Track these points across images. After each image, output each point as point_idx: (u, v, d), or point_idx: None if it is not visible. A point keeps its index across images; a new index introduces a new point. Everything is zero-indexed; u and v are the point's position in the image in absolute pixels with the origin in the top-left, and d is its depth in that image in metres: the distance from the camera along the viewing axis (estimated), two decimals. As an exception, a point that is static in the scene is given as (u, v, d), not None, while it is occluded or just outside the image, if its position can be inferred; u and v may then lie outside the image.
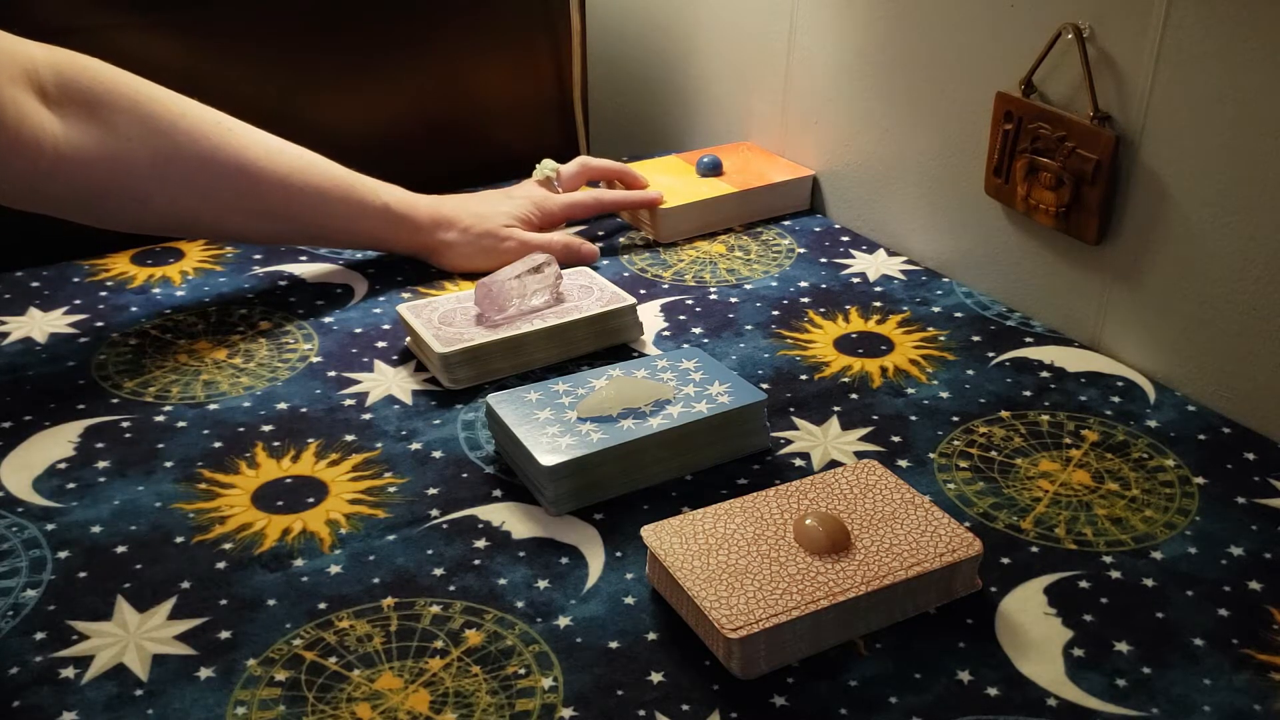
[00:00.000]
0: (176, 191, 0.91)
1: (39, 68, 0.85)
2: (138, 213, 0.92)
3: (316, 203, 0.96)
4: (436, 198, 1.03)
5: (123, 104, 0.87)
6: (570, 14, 1.27)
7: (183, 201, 0.92)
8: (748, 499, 0.70)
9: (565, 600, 0.67)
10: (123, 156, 0.87)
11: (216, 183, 0.91)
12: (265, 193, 0.93)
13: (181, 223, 0.95)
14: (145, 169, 0.88)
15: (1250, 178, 0.80)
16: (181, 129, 0.90)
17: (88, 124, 0.86)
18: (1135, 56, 0.84)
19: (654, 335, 0.94)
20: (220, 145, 0.91)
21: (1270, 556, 0.71)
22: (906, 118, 1.05)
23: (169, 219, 0.94)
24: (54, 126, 0.85)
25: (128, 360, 0.89)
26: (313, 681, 0.61)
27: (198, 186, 0.91)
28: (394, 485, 0.76)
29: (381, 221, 0.99)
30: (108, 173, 0.87)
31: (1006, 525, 0.73)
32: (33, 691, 0.61)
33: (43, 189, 0.86)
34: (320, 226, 0.98)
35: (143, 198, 0.90)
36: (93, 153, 0.86)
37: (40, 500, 0.74)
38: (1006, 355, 0.91)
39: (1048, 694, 0.61)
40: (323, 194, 0.96)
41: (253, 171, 0.92)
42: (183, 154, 0.89)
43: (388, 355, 0.91)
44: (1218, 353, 0.84)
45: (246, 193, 0.93)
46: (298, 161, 0.95)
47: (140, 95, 0.89)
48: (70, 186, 0.87)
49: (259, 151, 0.93)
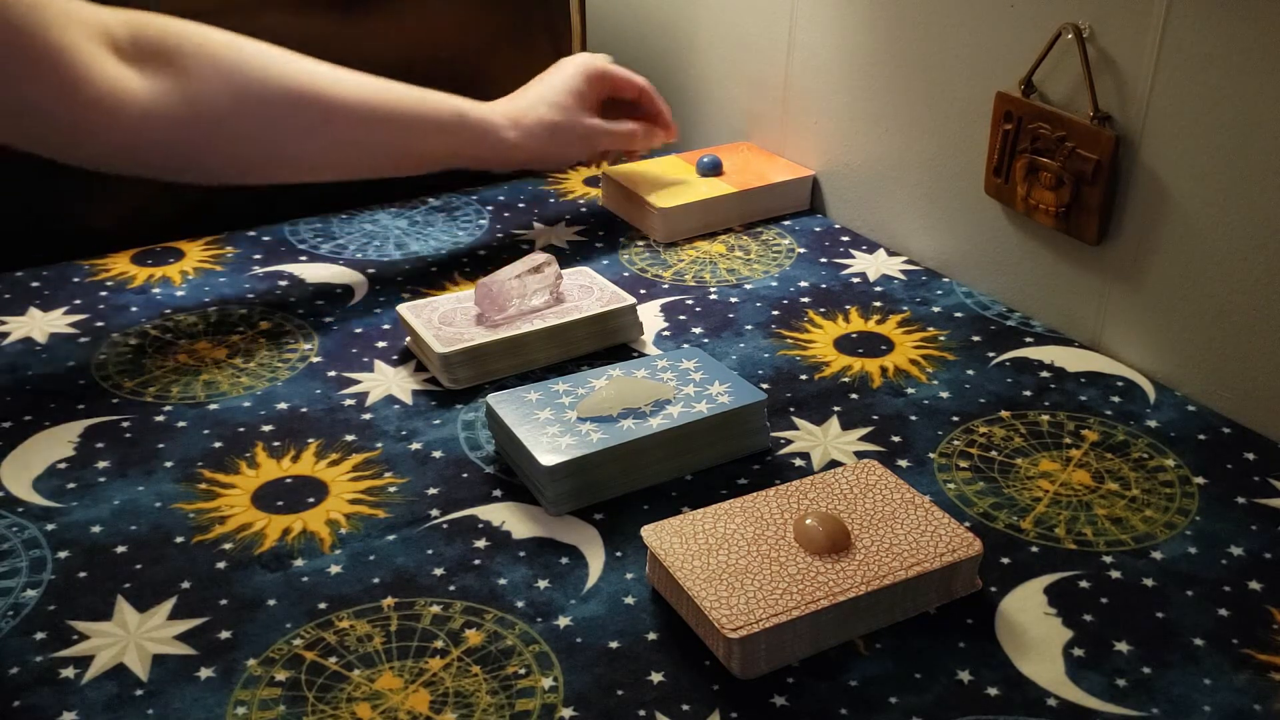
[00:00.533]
0: (257, 130, 0.91)
1: (112, 28, 0.85)
2: (222, 156, 0.92)
3: (390, 119, 0.96)
4: (504, 99, 1.04)
5: (191, 50, 0.88)
6: (570, 14, 1.27)
7: (264, 141, 0.92)
8: (748, 499, 0.70)
9: (565, 600, 0.67)
10: (201, 102, 0.88)
11: (293, 115, 0.92)
12: (338, 115, 0.93)
13: (265, 161, 0.95)
14: (224, 111, 0.89)
15: (1250, 178, 0.80)
16: (253, 66, 0.90)
17: (164, 75, 0.87)
18: (1135, 56, 0.84)
19: (654, 335, 0.94)
20: (289, 77, 0.92)
21: (1270, 556, 0.71)
22: (906, 118, 1.05)
23: (254, 162, 0.94)
24: (135, 82, 0.85)
25: (128, 360, 0.89)
26: (313, 681, 0.61)
27: (275, 122, 0.91)
28: (394, 485, 0.76)
29: (458, 130, 0.99)
30: (189, 119, 0.88)
31: (1006, 525, 0.73)
32: (33, 691, 0.61)
33: (131, 147, 0.87)
34: (398, 146, 0.98)
35: (225, 139, 0.90)
36: (173, 103, 0.87)
37: (40, 500, 0.74)
38: (1006, 355, 0.91)
39: (1048, 694, 0.61)
40: (396, 110, 0.96)
41: (325, 99, 0.93)
42: (255, 91, 0.90)
43: (388, 355, 0.91)
44: (1218, 353, 0.84)
45: (320, 118, 0.93)
46: (364, 81, 0.95)
47: (208, 40, 0.89)
48: (157, 141, 0.87)
49: (327, 80, 0.93)
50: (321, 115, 0.93)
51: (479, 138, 1.00)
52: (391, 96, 0.96)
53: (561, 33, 1.28)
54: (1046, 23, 0.89)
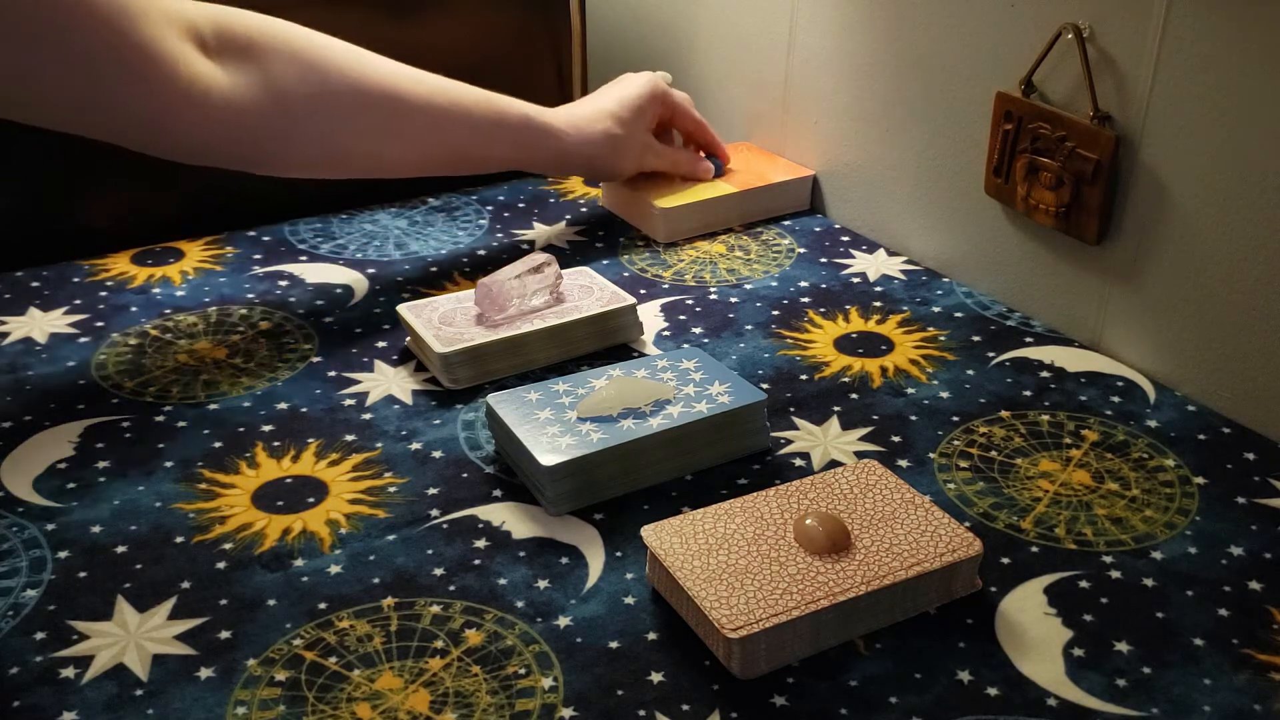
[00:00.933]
0: (332, 125, 0.93)
1: (196, 22, 0.87)
2: (300, 150, 0.94)
3: (459, 121, 0.98)
4: (567, 106, 1.07)
5: (271, 45, 0.90)
6: (570, 14, 1.27)
7: (342, 136, 0.94)
8: (748, 499, 0.70)
9: (565, 600, 0.67)
10: (281, 96, 0.90)
11: (368, 112, 0.94)
12: (413, 116, 0.96)
13: (343, 160, 0.97)
14: (302, 106, 0.91)
15: (1250, 178, 0.80)
16: (330, 62, 0.92)
17: (246, 69, 0.88)
18: (1135, 56, 0.84)
19: (654, 335, 0.94)
20: (365, 74, 0.94)
21: (1270, 556, 0.71)
22: (906, 118, 1.05)
23: (332, 156, 0.96)
24: (217, 76, 0.87)
25: (128, 360, 0.89)
26: (313, 681, 0.61)
27: (350, 118, 0.93)
28: (394, 485, 0.76)
29: (525, 133, 1.02)
30: (270, 113, 0.90)
31: (1006, 525, 0.73)
32: (33, 691, 0.61)
33: (215, 139, 0.89)
34: (467, 148, 1.00)
35: (304, 134, 0.92)
36: (255, 96, 0.88)
37: (40, 500, 0.74)
38: (1006, 355, 0.91)
39: (1048, 694, 0.61)
40: (467, 113, 0.99)
41: (399, 97, 0.95)
42: (332, 87, 0.92)
43: (388, 355, 0.91)
44: (1218, 353, 0.84)
45: (396, 118, 0.95)
46: (437, 83, 0.98)
47: (288, 35, 0.91)
48: (239, 133, 0.89)
49: (401, 78, 0.96)
50: (399, 114, 0.95)
51: (542, 142, 1.03)
52: (466, 99, 0.99)
53: (561, 33, 1.28)
54: (1046, 23, 0.89)
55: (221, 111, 0.87)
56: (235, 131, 0.89)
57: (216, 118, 0.87)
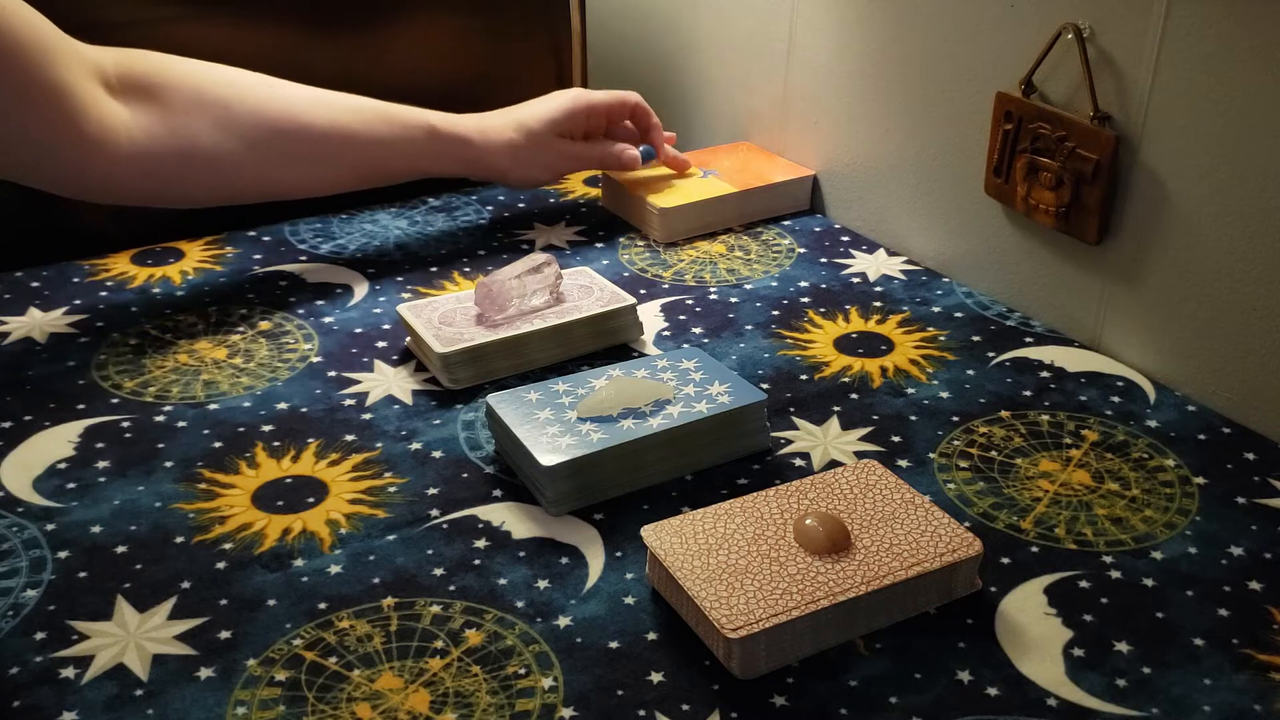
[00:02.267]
0: (239, 154, 0.94)
1: (102, 63, 0.89)
2: (209, 184, 0.96)
3: (368, 139, 1.00)
4: (481, 114, 1.07)
5: (174, 82, 0.92)
6: (570, 14, 1.27)
7: (247, 164, 0.96)
8: (748, 499, 0.70)
9: (565, 600, 0.67)
10: (185, 130, 0.92)
11: (273, 137, 0.96)
12: (319, 138, 0.98)
13: (251, 186, 0.99)
14: (207, 138, 0.93)
15: (1250, 178, 0.80)
16: (231, 94, 0.94)
17: (150, 107, 0.91)
18: (1135, 56, 0.84)
19: (654, 335, 0.94)
20: (268, 101, 0.96)
21: (1270, 556, 0.71)
22: (906, 118, 1.05)
23: (239, 185, 0.98)
24: (124, 116, 0.89)
25: (128, 360, 0.89)
26: (313, 681, 0.61)
27: (256, 145, 0.95)
28: (394, 485, 0.76)
29: (433, 145, 1.03)
30: (176, 150, 0.92)
31: (1006, 525, 0.73)
32: (33, 691, 0.61)
33: (126, 178, 0.91)
34: (377, 162, 1.02)
35: (211, 168, 0.94)
36: (160, 133, 0.91)
37: (40, 500, 0.74)
38: (1006, 355, 0.91)
39: (1048, 694, 0.61)
40: (372, 129, 1.00)
41: (303, 120, 0.97)
42: (236, 116, 0.94)
43: (388, 355, 0.91)
44: (1218, 353, 0.84)
45: (302, 141, 0.97)
46: (343, 103, 1.00)
47: (188, 71, 0.94)
48: (149, 171, 0.91)
49: (305, 101, 0.98)
50: (303, 141, 0.97)
51: (450, 150, 1.05)
52: (369, 116, 1.01)
53: (561, 33, 1.28)
54: (1046, 23, 0.89)
55: (128, 153, 0.89)
56: (143, 170, 0.91)
57: (124, 159, 0.89)
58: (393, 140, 1.01)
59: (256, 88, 0.96)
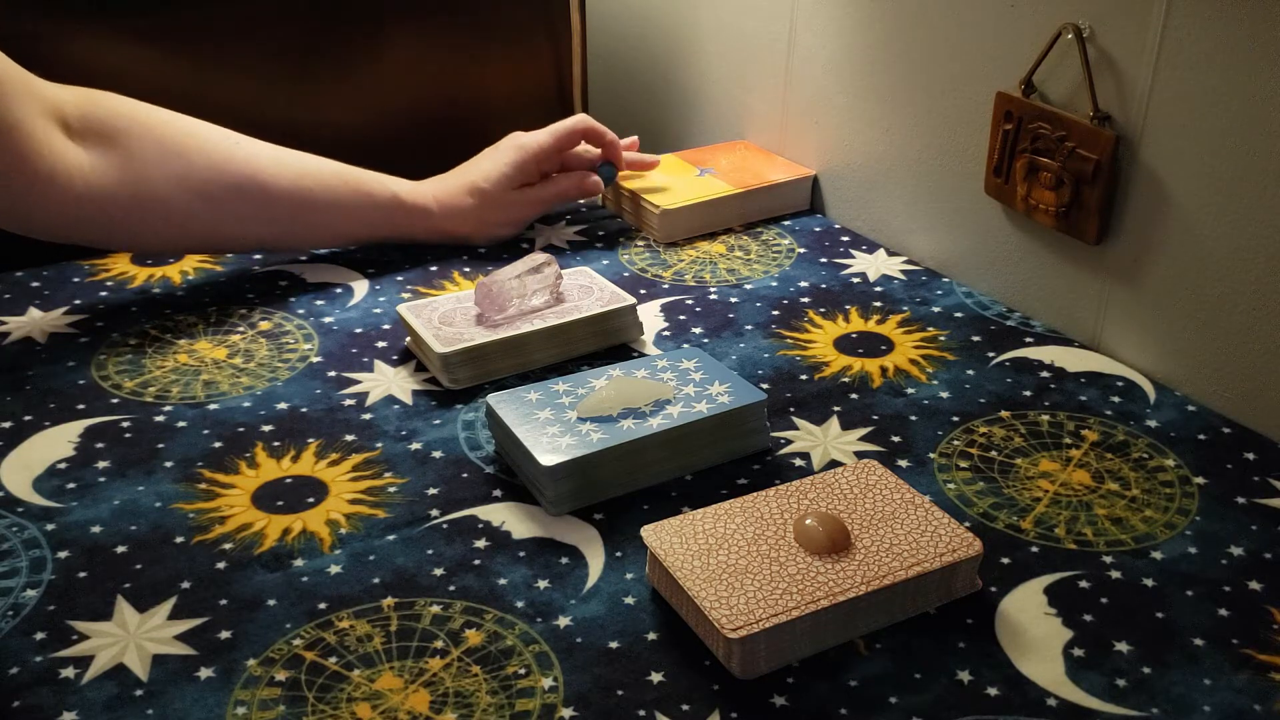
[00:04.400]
0: (194, 208, 0.94)
1: (63, 104, 0.90)
2: (160, 233, 0.95)
3: (328, 204, 0.99)
4: (437, 179, 1.06)
5: (137, 130, 0.92)
6: (570, 14, 1.27)
7: (202, 218, 0.95)
8: (748, 499, 0.70)
9: (565, 600, 0.67)
10: (142, 179, 0.92)
11: (230, 195, 0.95)
12: (278, 199, 0.97)
13: (203, 239, 0.98)
14: (163, 189, 0.92)
15: (1250, 178, 0.80)
16: (192, 147, 0.94)
17: (109, 152, 0.91)
18: (1135, 56, 0.84)
19: (654, 335, 0.94)
20: (229, 158, 0.95)
21: (1270, 556, 0.71)
22: (906, 118, 1.05)
23: (191, 237, 0.97)
24: (80, 158, 0.89)
25: (128, 360, 0.89)
26: (313, 681, 0.61)
27: (213, 201, 0.95)
28: (394, 485, 0.76)
29: (394, 213, 1.03)
30: (131, 197, 0.91)
31: (1006, 525, 0.73)
32: (33, 691, 0.61)
33: (74, 219, 0.91)
34: (335, 227, 1.02)
35: (163, 218, 0.94)
36: (115, 179, 0.91)
37: (40, 500, 0.74)
38: (1006, 355, 0.91)
39: (1048, 694, 0.61)
40: (333, 194, 1.00)
41: (263, 180, 0.96)
42: (196, 171, 0.93)
43: (388, 355, 0.91)
44: (1218, 353, 0.84)
45: (260, 202, 0.96)
46: (305, 166, 0.99)
47: (152, 120, 0.93)
48: (99, 214, 0.91)
49: (267, 161, 0.97)
50: (261, 200, 0.97)
51: (413, 221, 1.04)
52: (331, 181, 1.00)
53: (561, 34, 1.28)
54: (1046, 23, 0.89)
55: (80, 193, 0.89)
56: (94, 214, 0.91)
57: (76, 200, 0.89)
58: (353, 207, 1.00)
59: (220, 144, 0.95)
